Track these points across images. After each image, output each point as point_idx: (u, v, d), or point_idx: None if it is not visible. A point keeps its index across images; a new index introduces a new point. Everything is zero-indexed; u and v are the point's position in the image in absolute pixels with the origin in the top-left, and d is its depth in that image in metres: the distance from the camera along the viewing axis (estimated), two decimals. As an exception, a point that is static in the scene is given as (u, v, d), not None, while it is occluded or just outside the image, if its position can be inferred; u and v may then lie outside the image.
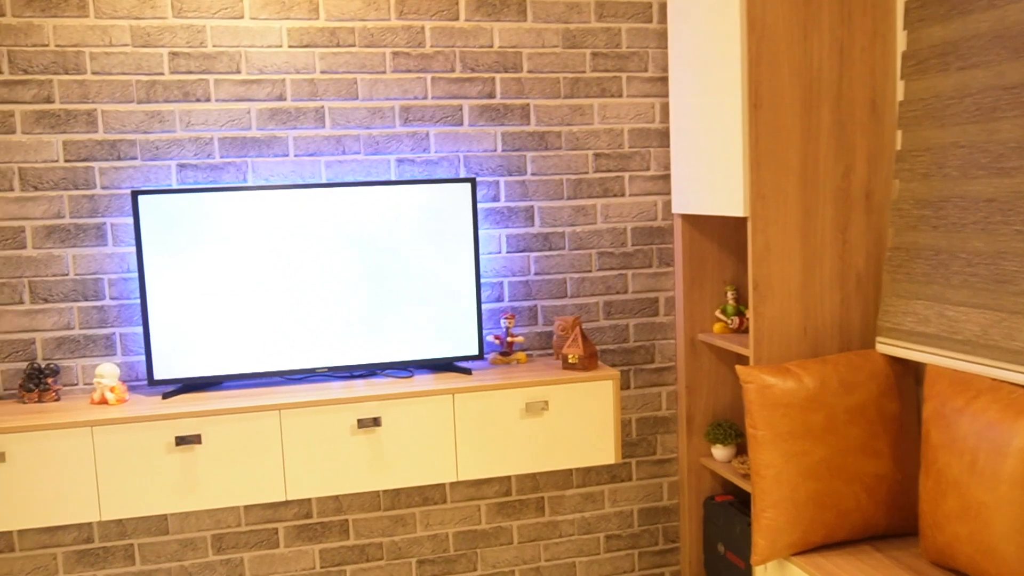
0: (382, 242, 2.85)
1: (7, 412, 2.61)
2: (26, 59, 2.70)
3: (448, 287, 2.90)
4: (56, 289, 2.78)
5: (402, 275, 2.87)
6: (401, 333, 2.88)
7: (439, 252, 2.89)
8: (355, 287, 2.84)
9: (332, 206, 2.81)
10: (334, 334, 2.84)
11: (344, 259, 2.83)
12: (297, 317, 2.81)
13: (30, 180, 2.74)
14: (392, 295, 2.87)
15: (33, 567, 2.83)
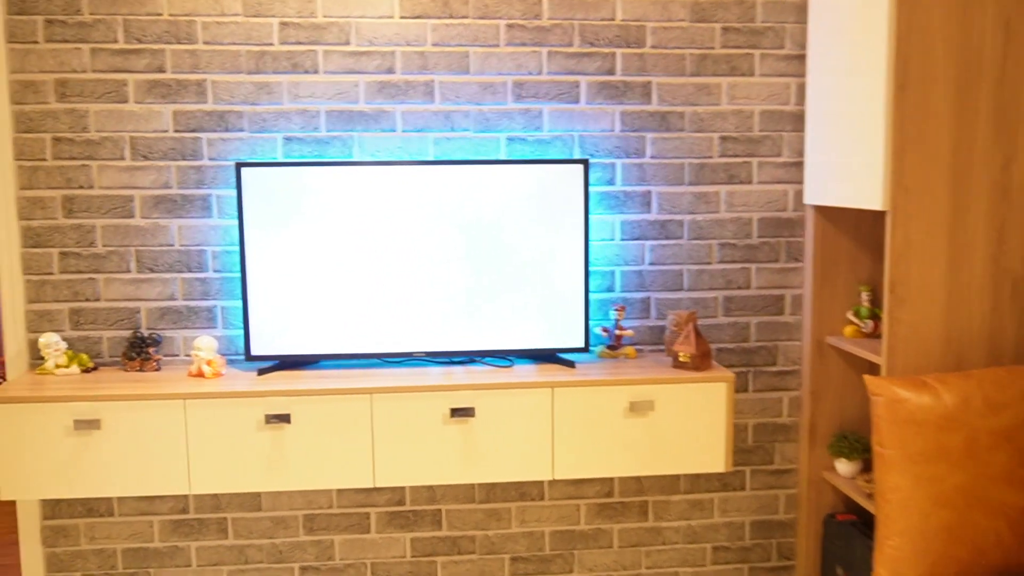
0: (488, 224, 2.71)
1: (108, 379, 2.62)
2: (140, 28, 2.69)
3: (555, 274, 2.75)
4: (161, 259, 2.78)
5: (507, 259, 2.73)
6: (503, 320, 2.75)
7: (547, 237, 2.73)
8: (458, 269, 2.72)
9: (438, 184, 2.69)
10: (434, 318, 2.73)
11: (448, 240, 2.71)
12: (397, 298, 2.72)
13: (140, 150, 2.74)
14: (496, 280, 2.73)
15: (131, 532, 2.85)
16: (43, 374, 2.69)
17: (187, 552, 2.88)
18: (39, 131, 2.70)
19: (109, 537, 2.85)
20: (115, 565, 2.86)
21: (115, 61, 2.70)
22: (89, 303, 2.77)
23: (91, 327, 2.78)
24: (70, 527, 2.83)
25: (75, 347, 2.78)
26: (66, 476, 2.49)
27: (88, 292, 2.77)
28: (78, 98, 2.70)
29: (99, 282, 2.77)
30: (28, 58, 2.67)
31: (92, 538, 2.84)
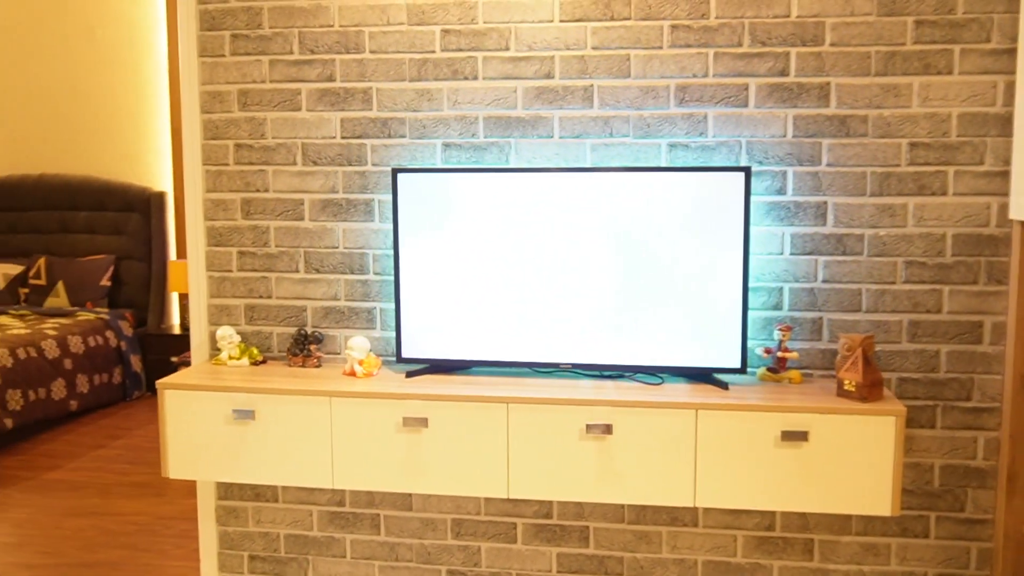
0: (644, 234, 2.60)
1: (270, 372, 2.77)
2: (313, 40, 2.82)
3: (712, 289, 2.58)
4: (327, 261, 2.90)
5: (662, 271, 2.60)
6: (655, 335, 2.62)
7: (706, 249, 2.58)
8: (610, 280, 2.63)
9: (595, 192, 2.61)
10: (584, 329, 2.65)
11: (602, 249, 2.62)
12: (547, 307, 2.67)
13: (310, 155, 2.87)
14: (649, 292, 2.61)
15: (292, 519, 2.99)
16: (217, 364, 2.88)
17: (342, 544, 2.98)
18: (223, 138, 2.90)
19: (273, 522, 3.01)
20: (278, 549, 3.01)
21: (290, 71, 2.84)
22: (262, 300, 2.95)
23: (263, 322, 2.95)
24: (240, 509, 3.02)
25: (248, 340, 2.96)
26: (226, 461, 2.65)
27: (261, 289, 2.94)
28: (257, 107, 2.87)
29: (271, 280, 2.94)
30: (216, 70, 2.88)
31: (259, 521, 3.01)
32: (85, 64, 6.72)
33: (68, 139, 6.82)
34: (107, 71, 6.69)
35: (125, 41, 6.64)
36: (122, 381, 6.20)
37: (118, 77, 6.69)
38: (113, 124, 6.72)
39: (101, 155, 6.77)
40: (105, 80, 6.70)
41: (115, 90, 6.70)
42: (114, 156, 6.75)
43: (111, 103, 6.71)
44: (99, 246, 6.61)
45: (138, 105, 6.69)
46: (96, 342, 5.99)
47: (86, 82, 6.74)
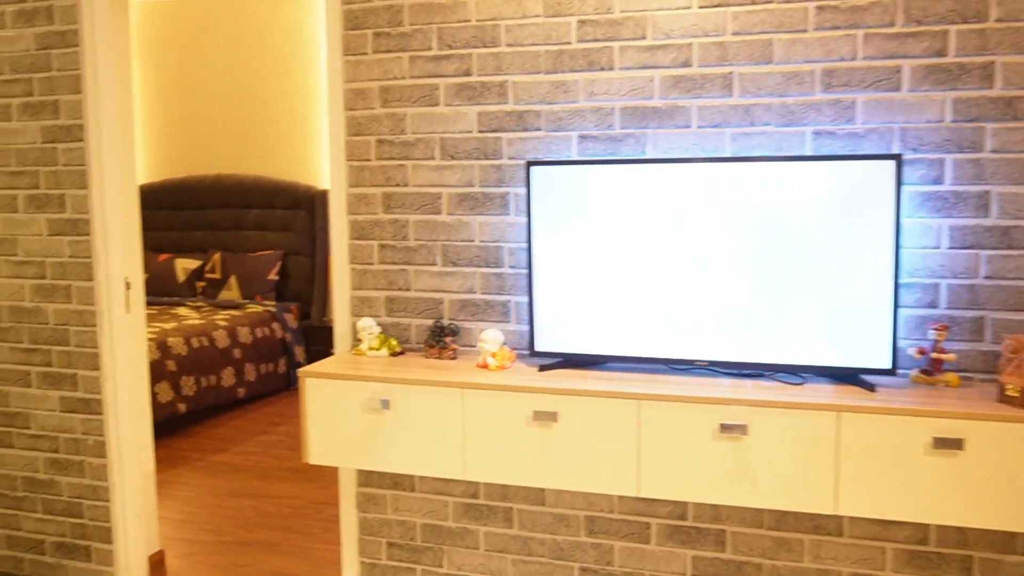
0: (786, 226, 2.48)
1: (406, 363, 2.82)
2: (451, 35, 2.85)
3: (859, 285, 2.44)
4: (463, 254, 2.92)
5: (806, 265, 2.48)
6: (797, 333, 2.50)
7: (852, 242, 2.43)
8: (750, 274, 2.53)
9: (734, 183, 2.52)
10: (722, 325, 2.56)
11: (741, 242, 2.53)
12: (683, 302, 2.59)
13: (448, 149, 2.90)
14: (792, 287, 2.49)
15: (428, 509, 3.04)
16: (358, 355, 2.96)
17: (476, 536, 3.00)
18: (366, 134, 2.98)
19: (410, 511, 3.06)
20: (414, 537, 3.07)
21: (429, 67, 2.88)
22: (401, 292, 3.00)
23: (402, 314, 3.01)
24: (379, 496, 3.09)
25: (388, 332, 3.03)
26: (363, 449, 2.72)
27: (401, 282, 3.00)
28: (398, 103, 2.93)
29: (410, 273, 2.99)
30: (359, 68, 2.96)
31: (396, 509, 3.08)
32: (257, 72, 7.09)
33: (242, 142, 7.21)
34: (276, 77, 7.03)
35: (292, 48, 6.95)
36: (286, 371, 6.50)
37: (286, 83, 7.01)
38: (282, 127, 7.06)
39: (271, 156, 7.13)
40: (275, 86, 7.05)
41: (284, 95, 7.03)
42: (283, 157, 7.08)
43: (280, 107, 7.05)
44: (268, 242, 6.96)
45: (304, 108, 6.99)
46: (263, 333, 6.31)
47: (258, 88, 7.11)
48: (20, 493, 3.52)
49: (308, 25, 6.91)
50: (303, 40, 6.93)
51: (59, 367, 3.40)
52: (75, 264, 3.34)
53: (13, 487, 3.53)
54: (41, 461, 3.47)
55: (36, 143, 3.33)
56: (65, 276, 3.36)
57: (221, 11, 7.15)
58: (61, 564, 3.50)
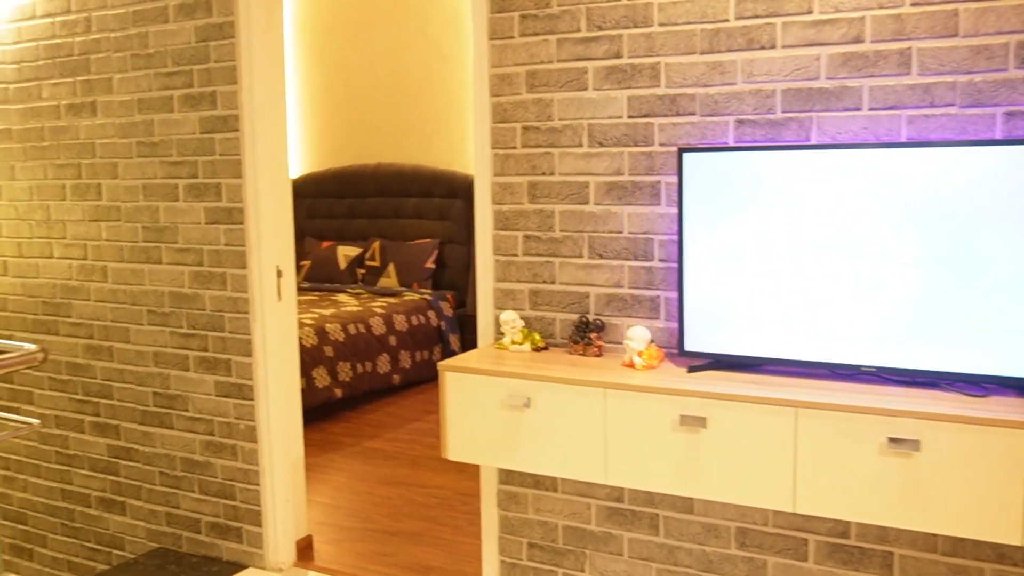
0: (969, 218, 2.22)
1: (549, 359, 2.71)
2: (600, 15, 2.71)
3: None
4: (611, 246, 2.78)
5: (990, 263, 2.20)
6: (980, 338, 2.23)
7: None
8: (925, 272, 2.27)
9: (910, 171, 2.27)
10: (891, 328, 2.32)
11: (916, 236, 2.27)
12: (849, 301, 2.36)
13: (596, 136, 2.76)
14: (974, 287, 2.22)
15: (571, 511, 2.93)
16: (500, 349, 2.87)
17: (620, 541, 2.86)
18: (511, 121, 2.88)
19: (552, 511, 2.96)
20: (555, 539, 2.96)
21: (577, 50, 2.75)
22: (546, 285, 2.90)
23: (546, 308, 2.90)
24: (520, 495, 3.00)
25: (532, 326, 2.93)
26: (501, 446, 2.63)
27: (545, 274, 2.89)
28: (544, 88, 2.82)
29: (555, 265, 2.88)
30: (505, 52, 2.86)
31: (538, 509, 2.98)
32: (418, 62, 7.15)
33: (402, 131, 7.30)
34: (436, 67, 7.07)
35: (451, 36, 6.97)
36: (441, 359, 6.54)
37: (445, 71, 7.04)
38: (441, 115, 7.10)
39: (430, 145, 7.18)
40: (434, 74, 7.09)
41: (443, 83, 7.06)
42: (441, 145, 7.12)
43: (439, 96, 7.09)
44: (426, 231, 7.02)
45: (462, 96, 7.00)
46: (419, 321, 6.36)
47: (418, 77, 7.17)
48: (179, 473, 3.65)
49: (467, 12, 6.90)
50: (463, 27, 6.93)
51: (215, 352, 3.49)
52: (230, 252, 3.41)
53: (173, 466, 3.67)
54: (198, 443, 3.58)
55: (195, 133, 3.42)
56: (221, 264, 3.44)
57: (383, 1, 7.25)
58: (215, 543, 3.60)
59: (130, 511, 3.82)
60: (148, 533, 3.78)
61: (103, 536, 3.92)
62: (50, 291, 3.95)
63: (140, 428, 3.74)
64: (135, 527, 3.81)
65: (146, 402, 3.71)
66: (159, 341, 3.64)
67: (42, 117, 3.85)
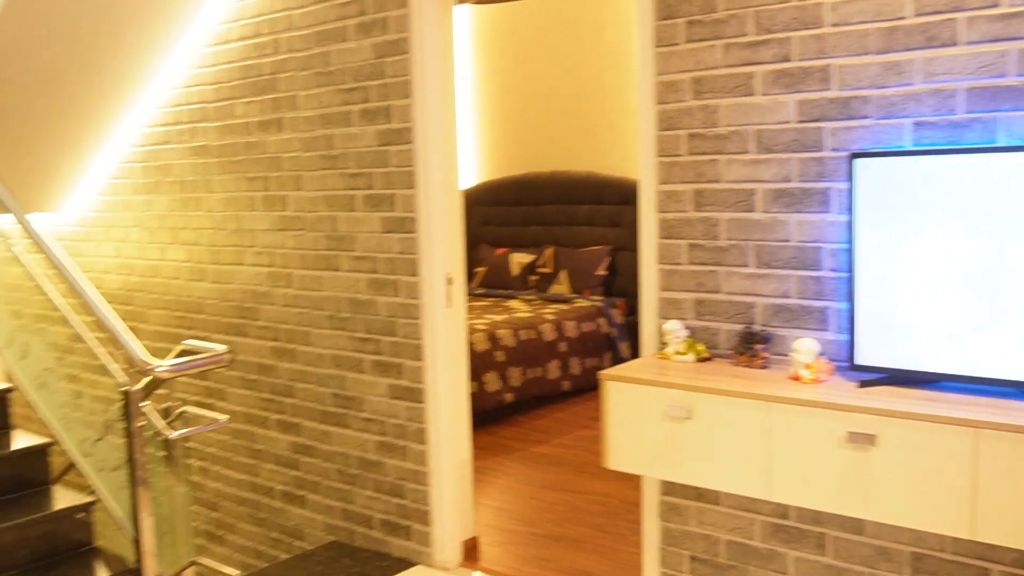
0: None
1: (712, 371, 2.66)
2: (769, 18, 2.64)
3: None
4: (778, 255, 2.70)
5: None
6: None
7: None
8: None
9: (1113, 174, 2.09)
10: (1089, 345, 2.14)
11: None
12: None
13: (764, 142, 2.69)
14: None
15: (734, 526, 2.86)
16: (663, 359, 2.84)
17: (784, 559, 2.77)
18: (676, 128, 2.85)
19: (715, 525, 2.90)
20: (718, 553, 2.90)
21: (744, 54, 2.69)
22: (710, 294, 2.84)
23: (710, 318, 2.85)
24: (682, 507, 2.96)
25: (696, 336, 2.88)
26: (662, 457, 2.60)
27: (710, 284, 2.84)
28: (710, 94, 2.77)
29: (720, 274, 2.82)
30: (671, 59, 2.83)
31: (700, 522, 2.93)
32: (592, 68, 7.17)
33: (576, 138, 7.34)
34: (612, 73, 7.07)
35: (628, 43, 6.95)
36: (611, 366, 6.53)
37: (620, 77, 7.03)
38: (615, 123, 7.09)
39: (603, 152, 7.19)
40: (609, 81, 7.09)
41: (617, 90, 7.06)
42: (614, 152, 7.12)
43: (613, 102, 7.08)
44: (597, 237, 7.03)
45: (635, 103, 6.97)
46: (589, 328, 6.38)
47: (593, 84, 7.19)
48: (354, 471, 3.82)
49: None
50: (636, 34, 6.90)
51: (388, 356, 3.64)
52: (403, 260, 3.54)
53: (348, 464, 3.84)
54: (371, 443, 3.74)
55: (372, 146, 3.58)
56: (394, 271, 3.58)
57: (558, 9, 7.33)
58: (386, 540, 3.75)
59: (309, 505, 4.03)
60: (325, 527, 3.98)
61: (285, 527, 4.16)
62: (241, 296, 4.23)
63: (319, 427, 3.94)
64: (313, 520, 4.02)
65: (325, 402, 3.90)
66: (337, 344, 3.82)
67: (235, 133, 4.13)
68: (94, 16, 3.84)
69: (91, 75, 4.17)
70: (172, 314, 4.63)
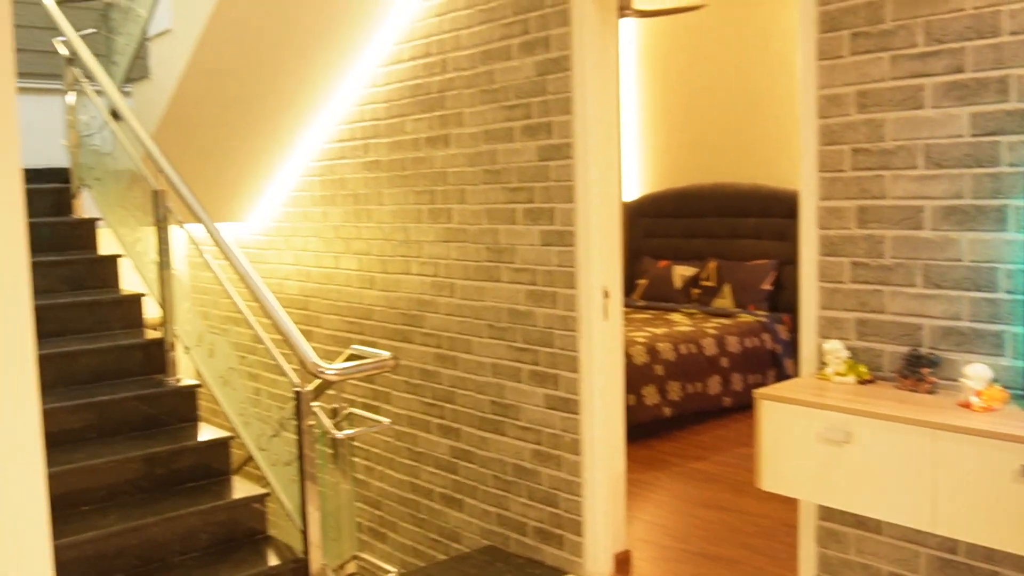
0: None
1: (874, 394, 2.57)
2: (940, 28, 2.53)
3: None
4: (948, 275, 2.58)
5: None
6: None
7: None
8: None
9: None
10: None
11: None
12: None
13: (933, 157, 2.58)
14: None
15: (896, 557, 2.74)
16: (822, 379, 2.77)
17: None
18: (839, 143, 2.77)
19: (875, 555, 2.79)
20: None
21: (913, 66, 2.59)
22: (874, 314, 2.74)
23: (873, 339, 2.75)
24: (841, 533, 2.86)
25: (858, 357, 2.79)
26: (818, 481, 2.54)
27: (873, 303, 2.74)
28: (876, 108, 2.68)
29: (884, 294, 2.72)
30: (833, 73, 2.76)
31: (860, 551, 2.82)
32: (759, 77, 7.03)
33: (741, 149, 7.21)
34: (779, 83, 6.91)
35: (795, 50, 6.77)
36: (775, 383, 6.36)
37: (789, 87, 6.86)
38: (782, 133, 6.92)
39: (770, 163, 7.02)
40: (776, 91, 6.93)
41: (785, 100, 6.88)
42: (781, 164, 6.94)
43: (781, 113, 6.92)
44: (764, 251, 6.87)
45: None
46: (752, 343, 6.24)
47: (759, 94, 7.05)
48: (510, 478, 3.91)
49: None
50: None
51: (544, 367, 3.70)
52: (560, 273, 3.60)
53: (504, 471, 3.93)
54: (527, 451, 3.81)
55: (532, 161, 3.66)
56: (552, 284, 3.64)
57: (724, 19, 7.23)
58: (539, 548, 3.81)
59: (466, 509, 4.15)
60: (481, 531, 4.08)
61: (443, 529, 4.29)
62: (407, 304, 4.41)
63: (477, 433, 4.05)
64: (470, 524, 4.13)
65: (483, 409, 4.01)
66: (496, 353, 3.92)
67: (404, 149, 4.31)
68: (282, 42, 4.11)
69: (277, 96, 4.46)
70: (343, 319, 4.87)
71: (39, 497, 2.05)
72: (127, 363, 3.86)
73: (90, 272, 4.19)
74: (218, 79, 4.23)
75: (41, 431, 2.06)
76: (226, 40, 4.01)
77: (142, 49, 4.46)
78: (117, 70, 4.55)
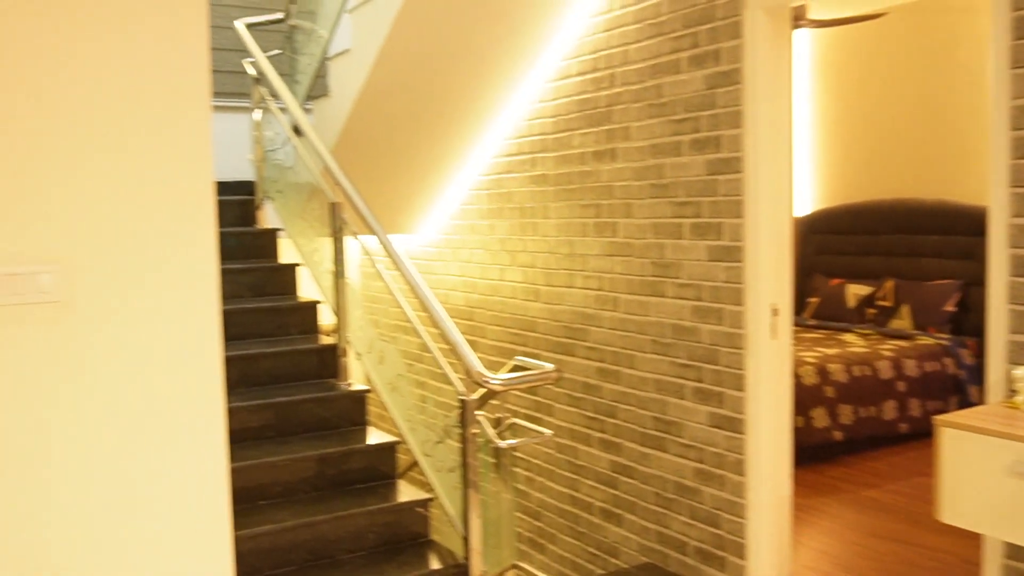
0: None
1: (1070, 426, 2.38)
2: None
3: None
4: None
5: None
6: None
7: None
8: None
9: None
10: None
11: None
12: None
13: None
14: None
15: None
16: (1011, 407, 2.59)
17: None
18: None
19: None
20: (1072, 632, 2.58)
21: (1122, 73, 2.40)
22: (1071, 340, 2.55)
23: (1071, 367, 2.55)
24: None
25: (1052, 385, 2.60)
26: (1003, 516, 2.37)
27: (1071, 328, 2.55)
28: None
29: (1084, 319, 2.52)
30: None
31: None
32: (943, 89, 6.67)
33: (923, 164, 6.86)
34: (966, 92, 6.54)
35: (984, 59, 6.39)
36: (957, 411, 6.00)
37: (977, 98, 6.48)
38: (968, 146, 6.54)
39: (955, 178, 6.65)
40: (963, 103, 6.56)
41: (973, 112, 6.50)
42: (968, 179, 6.56)
43: (968, 125, 6.54)
44: (947, 271, 6.51)
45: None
46: (933, 368, 5.91)
47: (944, 106, 6.69)
48: (670, 495, 3.85)
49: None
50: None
51: (709, 384, 3.63)
52: (727, 289, 3.53)
53: (665, 488, 3.88)
54: (689, 469, 3.75)
55: (700, 175, 3.61)
56: (718, 300, 3.57)
57: (905, 27, 6.90)
58: (699, 568, 3.73)
59: (625, 524, 4.12)
60: (639, 547, 4.04)
61: (602, 543, 4.28)
62: (570, 317, 4.43)
63: (639, 448, 4.02)
64: (628, 539, 4.10)
65: (645, 425, 3.97)
66: (659, 369, 3.88)
67: (571, 163, 4.35)
68: (454, 61, 4.24)
69: (449, 112, 4.60)
70: (507, 331, 4.95)
71: (223, 489, 2.19)
72: (303, 367, 4.07)
73: (271, 279, 4.44)
74: (393, 97, 4.40)
75: (226, 428, 2.20)
76: (401, 60, 4.16)
77: (323, 68, 4.70)
78: (299, 88, 4.81)
